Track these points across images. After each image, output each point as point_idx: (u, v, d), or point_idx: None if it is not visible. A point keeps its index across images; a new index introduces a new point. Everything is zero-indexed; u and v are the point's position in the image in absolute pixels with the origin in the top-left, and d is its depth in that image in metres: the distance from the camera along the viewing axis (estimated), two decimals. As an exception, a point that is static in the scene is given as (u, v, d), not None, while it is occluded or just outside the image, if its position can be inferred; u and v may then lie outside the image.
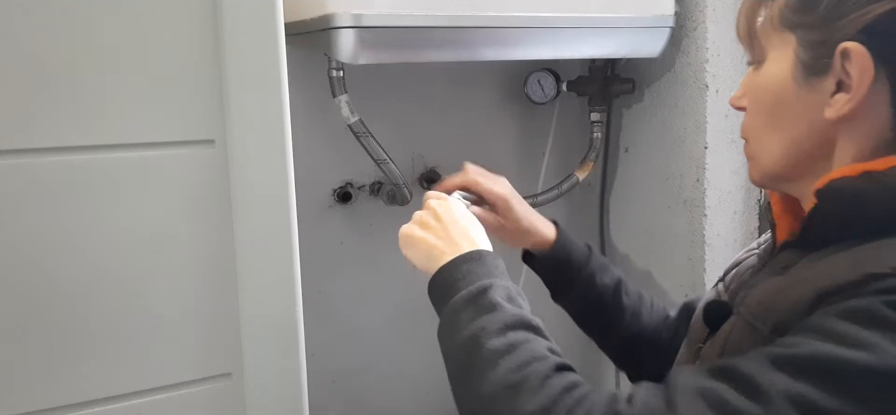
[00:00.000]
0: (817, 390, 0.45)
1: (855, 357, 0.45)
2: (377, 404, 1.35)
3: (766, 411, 0.45)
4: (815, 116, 0.57)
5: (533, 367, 0.54)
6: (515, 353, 0.56)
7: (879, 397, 0.45)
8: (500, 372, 0.54)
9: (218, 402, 0.71)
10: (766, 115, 0.61)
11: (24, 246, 0.61)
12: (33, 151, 0.60)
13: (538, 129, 1.36)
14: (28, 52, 0.59)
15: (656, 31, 1.09)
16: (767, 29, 0.61)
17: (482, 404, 0.55)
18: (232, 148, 0.66)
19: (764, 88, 0.61)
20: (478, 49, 1.00)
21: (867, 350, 0.45)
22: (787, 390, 0.45)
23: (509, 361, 0.55)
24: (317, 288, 1.24)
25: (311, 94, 1.14)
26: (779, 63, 0.60)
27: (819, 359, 0.46)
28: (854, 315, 0.47)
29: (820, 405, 0.45)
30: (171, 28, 0.63)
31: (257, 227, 0.68)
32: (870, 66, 0.53)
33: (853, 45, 0.54)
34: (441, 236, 0.69)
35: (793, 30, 0.58)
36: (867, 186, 0.54)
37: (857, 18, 0.54)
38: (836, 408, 0.44)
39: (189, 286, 0.68)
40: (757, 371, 0.47)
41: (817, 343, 0.47)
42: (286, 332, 0.72)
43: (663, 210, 1.25)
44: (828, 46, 0.55)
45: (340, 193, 1.23)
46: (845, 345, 0.46)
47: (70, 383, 0.65)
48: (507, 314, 0.59)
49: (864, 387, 0.45)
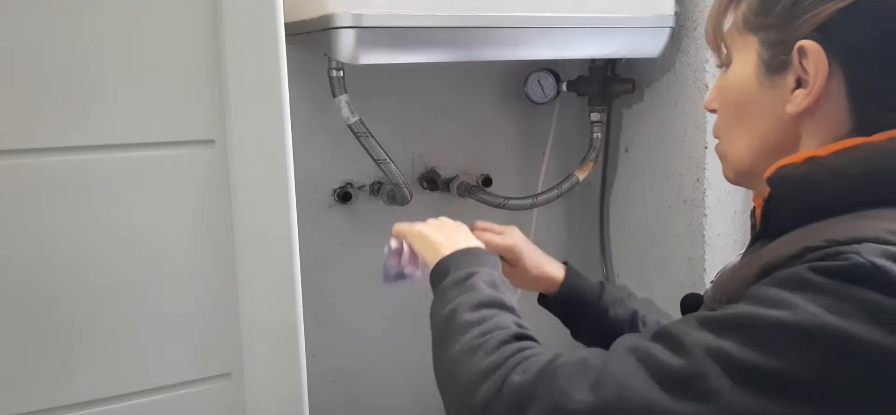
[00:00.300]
0: (735, 344, 0.48)
1: (772, 314, 0.47)
2: (377, 404, 1.35)
3: (687, 362, 0.49)
4: (778, 112, 0.60)
5: (494, 334, 0.60)
6: (483, 324, 0.62)
7: (792, 351, 0.47)
8: (467, 338, 0.61)
9: (218, 402, 0.71)
10: (733, 114, 0.65)
11: (24, 246, 0.61)
12: (33, 151, 0.61)
13: (538, 129, 1.36)
14: (28, 52, 0.59)
15: (656, 31, 1.09)
16: (733, 33, 0.65)
17: (449, 366, 0.61)
18: (232, 148, 0.66)
19: (730, 89, 0.65)
20: (478, 49, 1.00)
21: (785, 308, 0.47)
22: (708, 345, 0.49)
23: (476, 329, 0.61)
24: (317, 288, 1.24)
25: (311, 94, 1.14)
26: (743, 64, 0.63)
27: (740, 317, 0.49)
28: (782, 281, 0.50)
29: (736, 357, 0.47)
30: (171, 28, 0.63)
31: (257, 227, 0.68)
32: (824, 62, 0.56)
33: (808, 43, 0.57)
34: (448, 237, 0.77)
35: (754, 32, 0.62)
36: (810, 170, 0.57)
37: (811, 18, 0.57)
38: (750, 359, 0.47)
39: (189, 286, 0.68)
40: (683, 330, 0.51)
41: (744, 306, 0.50)
42: (286, 332, 0.72)
43: (663, 210, 1.25)
44: (786, 45, 0.59)
45: (340, 193, 1.23)
46: (766, 306, 0.48)
47: (70, 382, 0.65)
48: (484, 294, 0.66)
49: (779, 340, 0.47)
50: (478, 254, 0.74)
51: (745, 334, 0.48)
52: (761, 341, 0.47)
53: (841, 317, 0.46)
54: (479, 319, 0.62)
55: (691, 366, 0.48)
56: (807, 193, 0.57)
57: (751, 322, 0.48)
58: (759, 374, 0.47)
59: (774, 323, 0.47)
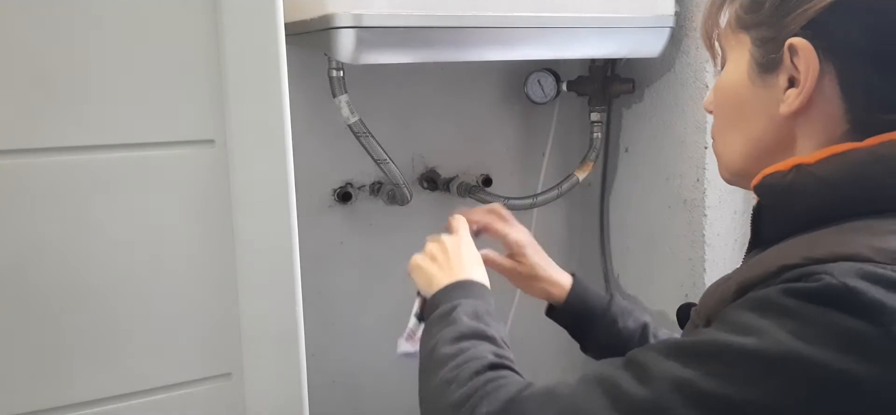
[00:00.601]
0: (700, 373, 0.47)
1: (739, 342, 0.46)
2: (377, 404, 1.35)
3: (651, 393, 0.48)
4: (771, 112, 0.58)
5: (468, 365, 0.62)
6: (459, 357, 0.63)
7: (757, 380, 0.45)
8: (443, 371, 0.62)
9: (218, 402, 0.71)
10: (727, 115, 0.64)
11: (23, 246, 0.61)
12: (33, 151, 0.61)
13: (538, 129, 1.36)
14: (28, 52, 0.59)
15: (656, 31, 1.09)
16: (727, 32, 0.63)
17: (429, 398, 0.64)
18: (232, 148, 0.66)
19: (725, 89, 0.64)
20: (478, 49, 1.00)
21: (752, 335, 0.46)
22: (673, 375, 0.48)
23: (452, 362, 0.63)
24: (317, 288, 1.24)
25: (311, 94, 1.14)
26: (737, 64, 0.62)
27: (707, 345, 0.48)
28: (754, 304, 0.48)
29: (701, 388, 0.46)
30: (171, 28, 0.63)
31: (257, 227, 0.68)
32: (815, 60, 0.55)
33: (799, 40, 0.55)
34: (442, 267, 0.78)
35: (746, 30, 0.61)
36: (797, 178, 0.55)
37: (801, 14, 0.55)
38: (716, 390, 0.46)
39: (189, 286, 0.68)
40: (651, 359, 0.50)
41: (713, 332, 0.49)
42: (286, 332, 0.72)
43: (663, 210, 1.25)
44: (777, 43, 0.57)
45: (340, 193, 1.23)
46: (736, 332, 0.47)
47: (70, 382, 0.65)
48: (464, 326, 0.67)
49: (744, 370, 0.46)
50: (466, 286, 0.74)
51: (711, 364, 0.47)
52: (726, 370, 0.46)
53: (808, 343, 0.44)
54: (456, 351, 0.64)
55: (655, 397, 0.48)
56: (794, 202, 0.56)
57: (717, 351, 0.47)
58: (723, 404, 0.46)
59: (740, 351, 0.46)
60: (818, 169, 0.55)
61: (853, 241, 0.48)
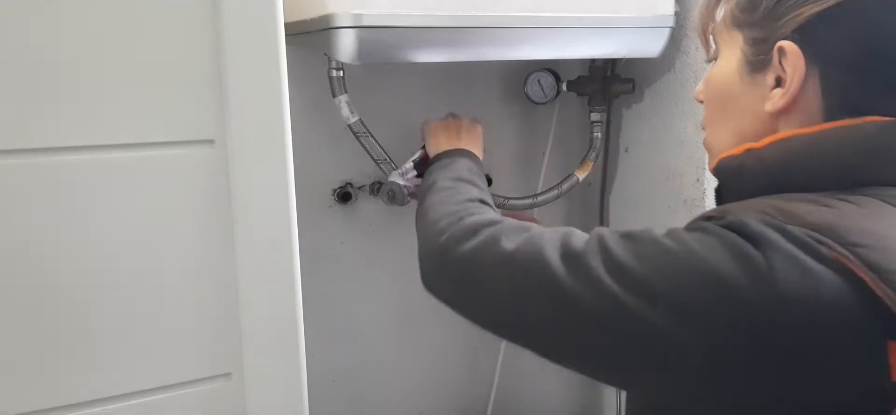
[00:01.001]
0: (621, 248, 0.57)
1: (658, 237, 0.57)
2: (377, 403, 1.35)
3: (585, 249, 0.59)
4: (757, 108, 0.63)
5: (462, 194, 0.84)
6: (454, 188, 0.86)
7: (660, 265, 0.55)
8: (441, 194, 0.84)
9: (218, 402, 0.71)
10: (717, 107, 0.69)
11: (24, 246, 0.61)
12: (33, 151, 0.61)
13: (538, 129, 1.36)
14: (28, 52, 0.59)
15: (656, 31, 1.09)
16: (721, 28, 0.68)
17: (425, 211, 0.82)
18: (232, 148, 0.66)
19: (716, 82, 0.68)
20: (478, 49, 1.00)
21: (671, 238, 0.56)
22: (605, 243, 0.59)
23: (450, 190, 0.85)
24: (317, 288, 1.24)
25: (311, 94, 1.14)
26: (728, 59, 0.66)
27: (638, 234, 0.59)
28: (686, 227, 0.58)
29: (615, 256, 0.57)
30: (171, 28, 0.63)
31: (257, 227, 0.68)
32: (801, 63, 0.59)
33: (788, 44, 0.60)
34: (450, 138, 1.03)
35: (740, 28, 0.65)
36: (746, 161, 0.63)
37: (792, 19, 0.60)
38: (624, 260, 0.56)
39: (189, 286, 0.68)
40: (603, 231, 0.61)
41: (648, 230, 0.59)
42: (286, 332, 0.72)
43: (663, 210, 1.25)
44: (768, 44, 0.62)
45: (340, 193, 1.23)
46: (659, 232, 0.58)
47: (69, 383, 0.65)
48: (461, 172, 0.92)
49: (653, 253, 0.56)
50: (465, 153, 0.99)
51: (633, 243, 0.57)
52: (641, 250, 0.56)
53: (704, 246, 0.53)
54: (451, 185, 0.87)
55: (585, 251, 0.59)
56: (742, 180, 0.63)
57: (641, 238, 0.58)
58: (628, 271, 0.55)
59: (655, 241, 0.56)
60: (764, 153, 0.62)
61: (765, 203, 0.57)
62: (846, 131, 0.58)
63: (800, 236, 0.51)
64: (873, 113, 0.58)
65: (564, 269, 0.59)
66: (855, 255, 0.50)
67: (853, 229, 0.51)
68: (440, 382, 1.39)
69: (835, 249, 0.50)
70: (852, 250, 0.50)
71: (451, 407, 1.41)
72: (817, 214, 0.53)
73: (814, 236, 0.51)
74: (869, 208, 0.55)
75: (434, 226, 0.76)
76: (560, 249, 0.61)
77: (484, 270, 0.66)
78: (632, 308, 0.54)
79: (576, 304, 0.57)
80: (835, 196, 0.56)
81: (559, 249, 0.61)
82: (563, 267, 0.59)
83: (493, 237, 0.67)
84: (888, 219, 0.54)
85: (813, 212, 0.54)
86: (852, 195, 0.56)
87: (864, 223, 0.52)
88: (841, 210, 0.54)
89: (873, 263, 0.49)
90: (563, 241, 0.61)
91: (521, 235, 0.65)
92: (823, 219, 0.53)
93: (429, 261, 0.75)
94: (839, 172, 0.58)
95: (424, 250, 0.76)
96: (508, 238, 0.65)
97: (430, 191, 0.87)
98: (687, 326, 0.52)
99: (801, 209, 0.54)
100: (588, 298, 0.56)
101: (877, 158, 0.58)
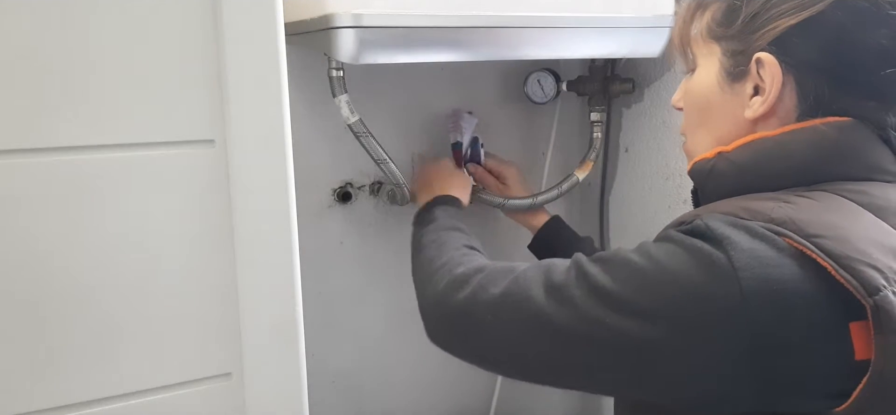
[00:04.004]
0: (600, 271, 0.61)
1: (630, 255, 0.61)
2: (377, 403, 1.35)
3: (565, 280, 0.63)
4: (736, 115, 0.67)
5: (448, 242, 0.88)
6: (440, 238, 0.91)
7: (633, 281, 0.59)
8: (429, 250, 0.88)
9: (218, 402, 0.71)
10: (696, 115, 0.73)
11: (24, 246, 0.61)
12: (33, 150, 0.61)
13: (538, 129, 1.36)
14: (28, 52, 0.59)
15: (656, 31, 1.09)
16: (698, 40, 0.72)
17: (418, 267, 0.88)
18: (232, 148, 0.66)
19: (695, 92, 0.72)
20: (478, 49, 1.00)
21: (641, 254, 0.60)
22: (585, 270, 0.62)
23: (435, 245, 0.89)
24: (317, 288, 1.24)
25: (311, 94, 1.14)
26: (707, 70, 0.70)
27: (612, 255, 0.63)
28: (656, 238, 0.63)
29: (597, 280, 0.61)
30: (171, 28, 0.63)
31: (257, 227, 0.68)
32: (779, 73, 0.63)
33: (765, 55, 0.64)
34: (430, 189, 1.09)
35: (717, 41, 0.69)
36: (717, 163, 0.67)
37: (768, 32, 0.64)
38: (605, 283, 0.60)
39: (189, 286, 0.68)
40: (580, 259, 0.65)
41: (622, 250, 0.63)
42: (286, 332, 0.72)
43: (663, 210, 1.25)
44: (746, 55, 0.66)
45: (340, 193, 1.23)
46: (633, 251, 0.61)
47: (69, 383, 0.65)
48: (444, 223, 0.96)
49: (627, 273, 0.60)
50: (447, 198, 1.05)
51: (609, 266, 0.61)
52: (615, 271, 0.60)
53: (670, 257, 0.58)
54: (435, 239, 0.90)
55: (566, 282, 0.63)
56: (714, 182, 0.68)
57: (615, 259, 0.62)
58: (607, 294, 0.59)
59: (626, 260, 0.60)
60: (733, 155, 0.66)
61: (733, 204, 0.61)
62: (807, 132, 0.63)
63: (762, 232, 0.55)
64: (841, 114, 0.62)
65: (550, 302, 0.63)
66: (815, 245, 0.53)
67: (812, 222, 0.55)
68: (441, 382, 1.39)
69: (796, 240, 0.54)
70: (812, 241, 0.54)
71: (452, 407, 1.41)
72: (779, 210, 0.57)
73: (775, 230, 0.55)
74: (826, 202, 0.59)
75: (427, 285, 0.80)
76: (544, 284, 0.64)
77: (478, 318, 0.69)
78: (615, 326, 0.58)
79: (564, 332, 0.61)
80: (795, 193, 0.61)
81: (543, 285, 0.64)
82: (549, 300, 0.63)
83: (482, 286, 0.70)
84: (843, 211, 0.58)
85: (774, 208, 0.57)
86: (811, 191, 0.61)
87: (823, 216, 0.56)
88: (799, 205, 0.58)
89: (831, 251, 0.53)
90: (546, 276, 0.65)
91: (507, 277, 0.69)
92: (784, 214, 0.56)
93: (428, 317, 0.78)
94: (801, 170, 0.63)
95: (423, 308, 0.80)
96: (495, 283, 0.69)
97: (418, 250, 0.92)
98: (665, 332, 0.56)
99: (763, 207, 0.58)
100: (575, 324, 0.60)
101: (834, 155, 0.62)
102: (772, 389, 0.54)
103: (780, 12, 0.63)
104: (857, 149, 0.62)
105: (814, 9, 0.62)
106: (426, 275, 0.82)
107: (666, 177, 1.23)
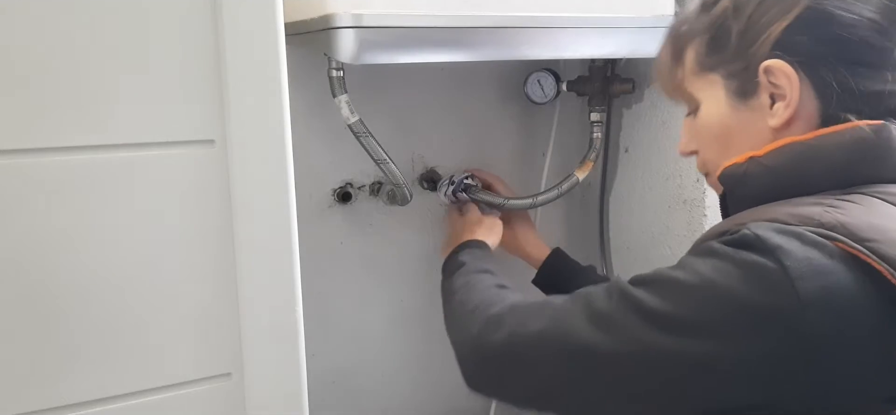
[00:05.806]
0: (646, 293, 0.60)
1: (676, 273, 0.59)
2: (377, 403, 1.35)
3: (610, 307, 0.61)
4: (759, 127, 0.66)
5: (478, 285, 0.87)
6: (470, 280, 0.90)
7: (685, 300, 0.57)
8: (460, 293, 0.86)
9: (218, 402, 0.71)
10: (718, 145, 0.71)
11: (24, 246, 0.61)
12: (33, 150, 0.61)
13: (538, 129, 1.36)
14: (28, 52, 0.59)
15: (656, 31, 1.09)
16: (690, 79, 0.71)
17: (451, 314, 0.86)
18: (232, 148, 0.66)
19: (707, 125, 0.71)
20: (478, 49, 1.00)
21: (684, 269, 0.59)
22: (629, 294, 0.61)
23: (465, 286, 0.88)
24: (317, 288, 1.24)
25: (311, 94, 1.14)
26: (712, 100, 0.69)
27: (656, 275, 0.61)
28: (696, 251, 0.61)
29: (644, 303, 0.59)
30: (171, 28, 0.63)
31: (257, 227, 0.68)
32: (792, 73, 0.63)
33: (772, 62, 0.63)
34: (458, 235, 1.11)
35: (713, 70, 0.68)
36: (750, 168, 0.66)
37: (765, 40, 0.64)
38: (654, 306, 0.58)
39: (189, 286, 0.68)
40: (620, 283, 0.63)
41: (664, 269, 0.61)
42: (286, 332, 0.72)
43: (663, 210, 1.25)
44: (750, 70, 0.65)
45: (340, 193, 1.23)
46: (677, 268, 0.60)
47: (69, 383, 0.65)
48: (473, 266, 0.96)
49: (675, 292, 0.58)
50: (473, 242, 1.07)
51: (654, 287, 0.60)
52: (663, 291, 0.59)
53: (720, 273, 0.56)
54: (466, 280, 0.89)
55: (613, 309, 0.61)
56: (746, 186, 0.66)
57: (660, 279, 0.60)
58: (658, 315, 0.58)
59: (672, 279, 0.59)
60: (766, 159, 0.65)
61: (776, 210, 0.59)
62: (843, 135, 0.62)
63: (813, 238, 0.54)
64: (866, 101, 0.62)
65: (598, 333, 0.61)
66: (869, 249, 0.53)
67: (862, 226, 0.55)
68: (441, 382, 1.39)
69: (850, 245, 0.53)
70: (866, 245, 0.53)
71: (452, 407, 1.41)
72: (827, 214, 0.56)
73: (827, 235, 0.54)
74: (869, 206, 0.58)
75: (462, 330, 0.78)
76: (586, 315, 0.63)
77: (520, 357, 0.68)
78: (671, 347, 0.57)
79: (618, 361, 0.60)
80: (835, 196, 0.60)
81: (585, 317, 0.63)
82: (596, 331, 0.61)
83: (520, 322, 0.69)
84: (887, 214, 0.57)
85: (823, 213, 0.57)
86: (849, 195, 0.60)
87: (871, 220, 0.56)
88: (846, 209, 0.57)
89: (885, 255, 0.53)
90: (586, 306, 0.63)
91: (544, 311, 0.67)
92: (834, 218, 0.56)
93: (466, 363, 0.76)
94: (837, 172, 0.62)
95: (460, 355, 0.77)
96: (533, 320, 0.67)
97: (448, 296, 0.91)
98: (723, 347, 0.55)
99: (811, 212, 0.57)
100: (630, 351, 0.59)
101: (871, 158, 0.62)
102: (828, 394, 0.54)
103: (769, 19, 0.63)
104: (891, 150, 0.62)
105: (799, 6, 0.62)
106: (459, 320, 0.80)
107: (666, 177, 1.23)
